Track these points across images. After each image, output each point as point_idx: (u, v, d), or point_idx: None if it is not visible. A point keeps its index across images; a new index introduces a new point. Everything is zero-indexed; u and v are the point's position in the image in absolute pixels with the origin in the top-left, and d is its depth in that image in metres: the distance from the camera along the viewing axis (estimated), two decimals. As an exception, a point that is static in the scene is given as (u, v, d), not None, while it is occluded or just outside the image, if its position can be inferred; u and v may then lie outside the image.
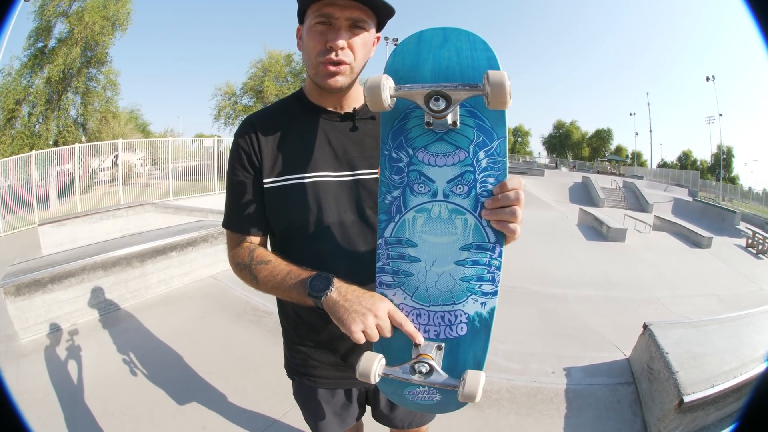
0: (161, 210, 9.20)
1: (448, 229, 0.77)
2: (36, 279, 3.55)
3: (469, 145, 0.76)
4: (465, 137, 0.77)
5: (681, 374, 2.20)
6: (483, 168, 0.76)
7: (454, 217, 0.77)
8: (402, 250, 0.80)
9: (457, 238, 0.77)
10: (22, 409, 1.14)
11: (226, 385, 2.73)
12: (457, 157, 0.77)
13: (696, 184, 31.79)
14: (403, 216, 0.79)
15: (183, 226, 5.66)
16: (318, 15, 0.88)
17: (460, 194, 0.77)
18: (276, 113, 1.04)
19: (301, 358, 1.12)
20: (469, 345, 0.78)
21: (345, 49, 0.90)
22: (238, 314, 3.89)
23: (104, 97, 18.10)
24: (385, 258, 0.81)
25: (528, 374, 2.94)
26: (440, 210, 0.78)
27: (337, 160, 0.98)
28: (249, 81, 24.35)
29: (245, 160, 0.98)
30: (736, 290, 6.87)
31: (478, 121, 0.76)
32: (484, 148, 0.76)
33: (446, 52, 0.78)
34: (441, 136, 0.78)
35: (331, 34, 0.89)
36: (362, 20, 0.90)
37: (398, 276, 0.80)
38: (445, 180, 0.77)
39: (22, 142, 15.32)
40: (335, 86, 0.93)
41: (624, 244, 9.71)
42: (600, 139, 55.21)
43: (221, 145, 16.13)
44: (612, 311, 4.86)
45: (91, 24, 16.06)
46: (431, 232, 0.78)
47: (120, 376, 2.89)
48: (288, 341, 1.16)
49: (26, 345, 3.37)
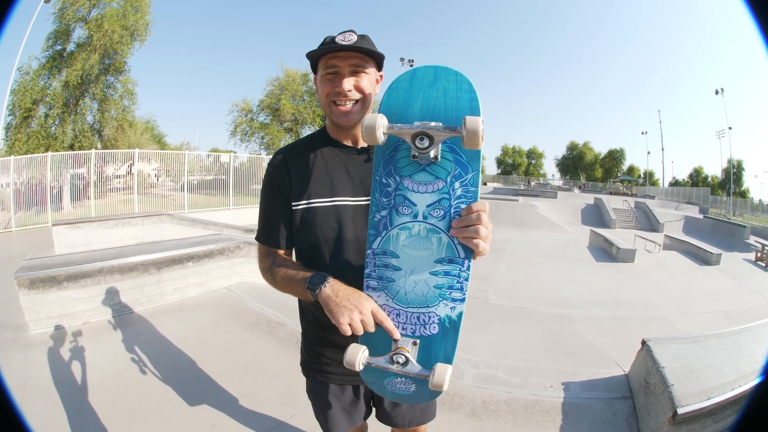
0: (177, 221, 9.35)
1: (425, 245, 0.93)
2: (52, 275, 3.71)
3: (447, 176, 0.92)
4: (444, 169, 0.92)
5: (676, 387, 2.24)
6: (457, 195, 0.92)
7: (430, 235, 0.93)
8: (386, 260, 0.96)
9: (433, 252, 0.93)
10: (27, 395, 1.22)
11: (237, 388, 2.83)
12: (436, 186, 0.93)
13: (707, 200, 31.77)
14: (389, 232, 0.96)
15: (200, 238, 5.82)
16: (325, 67, 1.10)
17: (437, 217, 0.93)
18: (304, 146, 1.22)
19: (315, 356, 1.26)
20: (440, 342, 0.94)
21: (352, 91, 1.10)
22: (251, 324, 3.99)
23: (121, 106, 18.30)
24: (372, 266, 0.98)
25: (527, 388, 2.99)
26: (419, 229, 0.94)
27: (355, 187, 1.15)
28: (266, 98, 24.66)
29: (276, 185, 1.18)
30: (744, 305, 6.87)
31: (456, 156, 0.93)
32: (460, 179, 0.92)
33: (435, 92, 0.94)
34: (424, 167, 0.93)
35: (338, 80, 1.10)
36: (362, 65, 1.11)
37: (382, 281, 0.97)
38: (425, 204, 0.93)
39: (37, 142, 15.53)
40: (348, 123, 1.14)
41: (633, 264, 9.70)
42: (612, 159, 54.93)
43: (236, 160, 16.30)
44: (616, 330, 4.87)
45: (110, 32, 16.33)
46: (411, 247, 0.94)
47: (131, 374, 3.01)
48: (305, 341, 1.31)
49: (35, 336, 3.51)
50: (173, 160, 15.50)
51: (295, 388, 2.73)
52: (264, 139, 24.74)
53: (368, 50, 1.08)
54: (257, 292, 4.80)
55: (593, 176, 54.43)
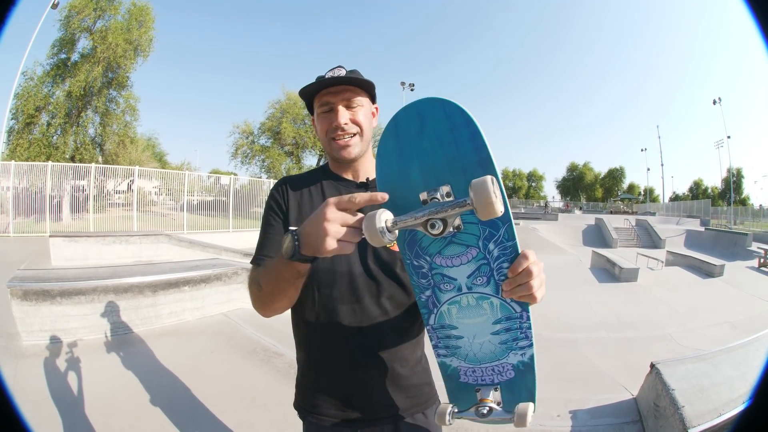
0: (175, 242, 9.33)
1: (479, 312, 0.88)
2: (46, 289, 3.68)
3: (477, 241, 0.82)
4: (472, 235, 0.82)
5: (687, 408, 2.22)
6: (496, 257, 0.82)
7: (481, 303, 0.87)
8: (446, 332, 0.93)
9: (488, 317, 0.88)
10: (16, 405, 1.17)
11: (232, 419, 2.73)
12: (470, 255, 0.84)
13: (707, 212, 31.71)
14: (439, 309, 0.91)
15: (197, 262, 5.79)
16: (320, 105, 1.11)
17: (481, 284, 0.85)
18: (306, 178, 1.23)
19: (309, 396, 1.18)
20: (520, 382, 0.93)
21: (348, 124, 1.10)
22: (249, 353, 3.88)
23: (123, 121, 18.40)
24: (436, 339, 0.95)
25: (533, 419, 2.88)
26: (468, 300, 0.88)
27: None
28: (267, 121, 24.83)
29: (276, 208, 1.17)
30: (749, 313, 6.84)
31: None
32: (492, 239, 0.81)
33: (427, 143, 0.80)
34: (450, 240, 0.84)
35: (333, 116, 1.10)
36: (355, 98, 1.11)
37: (449, 349, 0.95)
38: (465, 276, 0.86)
39: (38, 150, 15.55)
40: (349, 157, 1.13)
41: (636, 283, 9.60)
42: (612, 178, 55.19)
43: (237, 183, 16.36)
44: (622, 352, 4.80)
45: (114, 45, 16.50)
46: (466, 317, 0.90)
47: (124, 396, 2.93)
48: (299, 383, 1.23)
49: (27, 347, 3.45)
50: (173, 179, 15.54)
51: (293, 420, 2.59)
52: (265, 162, 24.86)
53: (357, 80, 1.09)
54: (255, 320, 4.68)
55: (594, 196, 54.63)
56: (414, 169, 0.82)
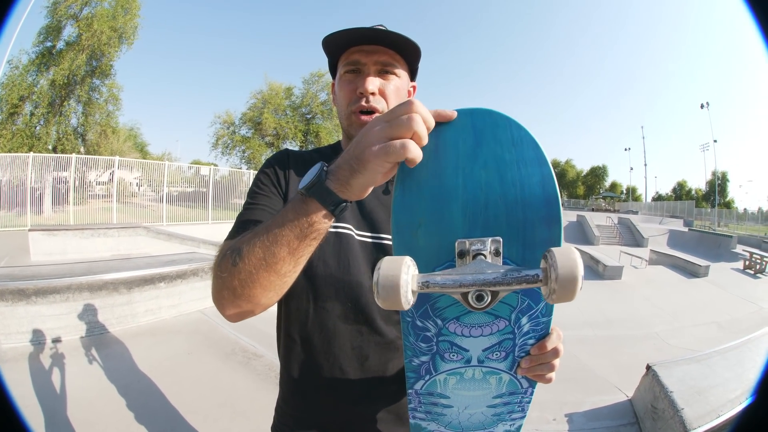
0: (153, 235, 9.20)
1: (482, 386, 0.71)
2: (21, 288, 3.54)
3: (511, 313, 0.63)
4: (507, 305, 0.63)
5: (686, 410, 2.27)
6: (524, 332, 0.65)
7: (488, 377, 0.70)
8: (434, 399, 0.74)
9: (491, 391, 0.72)
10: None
11: (212, 427, 2.59)
12: (495, 327, 0.64)
13: (691, 213, 32.04)
14: (434, 377, 0.71)
15: (173, 257, 5.61)
16: (346, 64, 0.86)
17: (497, 359, 0.68)
18: (311, 155, 0.98)
19: (293, 426, 0.96)
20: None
21: (376, 96, 0.85)
22: (227, 354, 3.73)
23: (105, 111, 17.95)
24: (417, 402, 0.75)
25: (529, 423, 2.80)
26: (473, 373, 0.70)
27: (361, 220, 0.90)
28: (248, 111, 24.51)
29: (272, 180, 0.89)
30: (735, 314, 6.94)
31: None
32: (528, 313, 0.64)
33: (482, 171, 0.56)
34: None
35: (360, 80, 0.85)
36: (391, 64, 0.86)
37: (431, 415, 0.76)
38: (481, 348, 0.67)
39: (21, 141, 15.15)
40: None
41: (620, 281, 9.71)
42: (595, 176, 56.03)
43: (217, 174, 16.14)
44: (611, 350, 4.80)
45: (98, 32, 16.04)
46: (465, 389, 0.72)
47: (100, 403, 2.79)
48: (280, 408, 1.01)
49: (6, 351, 3.33)
50: (154, 170, 15.17)
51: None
52: (245, 153, 24.50)
53: (401, 40, 0.83)
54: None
55: (575, 193, 55.26)
56: (455, 202, 0.57)
